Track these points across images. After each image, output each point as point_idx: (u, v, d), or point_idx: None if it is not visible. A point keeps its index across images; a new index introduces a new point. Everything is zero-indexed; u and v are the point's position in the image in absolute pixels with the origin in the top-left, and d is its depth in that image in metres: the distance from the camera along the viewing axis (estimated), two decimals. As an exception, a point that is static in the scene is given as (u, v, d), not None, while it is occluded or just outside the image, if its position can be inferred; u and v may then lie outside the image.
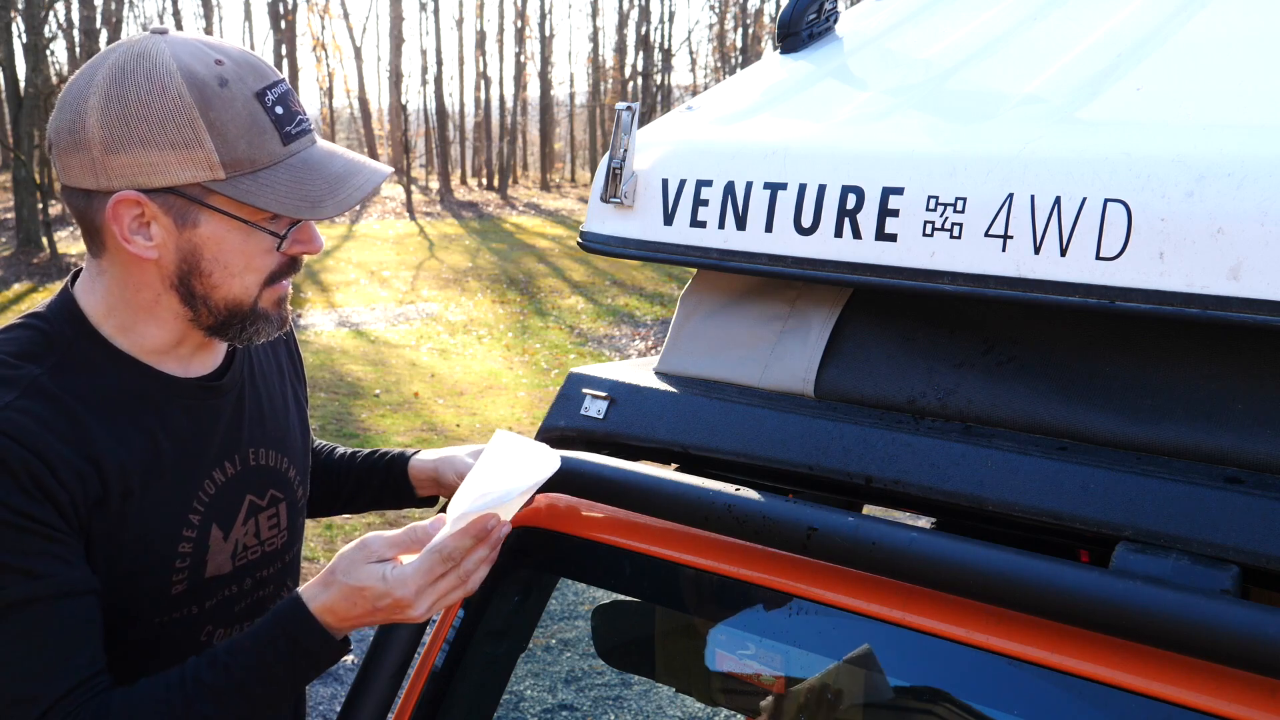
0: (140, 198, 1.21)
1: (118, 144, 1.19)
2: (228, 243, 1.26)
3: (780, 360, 1.44)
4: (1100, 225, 1.09)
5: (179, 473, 1.33)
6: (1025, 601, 1.06)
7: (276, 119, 1.24)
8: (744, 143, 1.43)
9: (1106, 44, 1.34)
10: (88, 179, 1.22)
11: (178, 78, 1.19)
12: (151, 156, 1.20)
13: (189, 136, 1.19)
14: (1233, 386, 1.14)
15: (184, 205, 1.23)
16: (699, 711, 4.20)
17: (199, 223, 1.24)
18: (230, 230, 1.25)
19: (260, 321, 1.32)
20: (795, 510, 1.22)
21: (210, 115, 1.19)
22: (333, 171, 1.27)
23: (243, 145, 1.21)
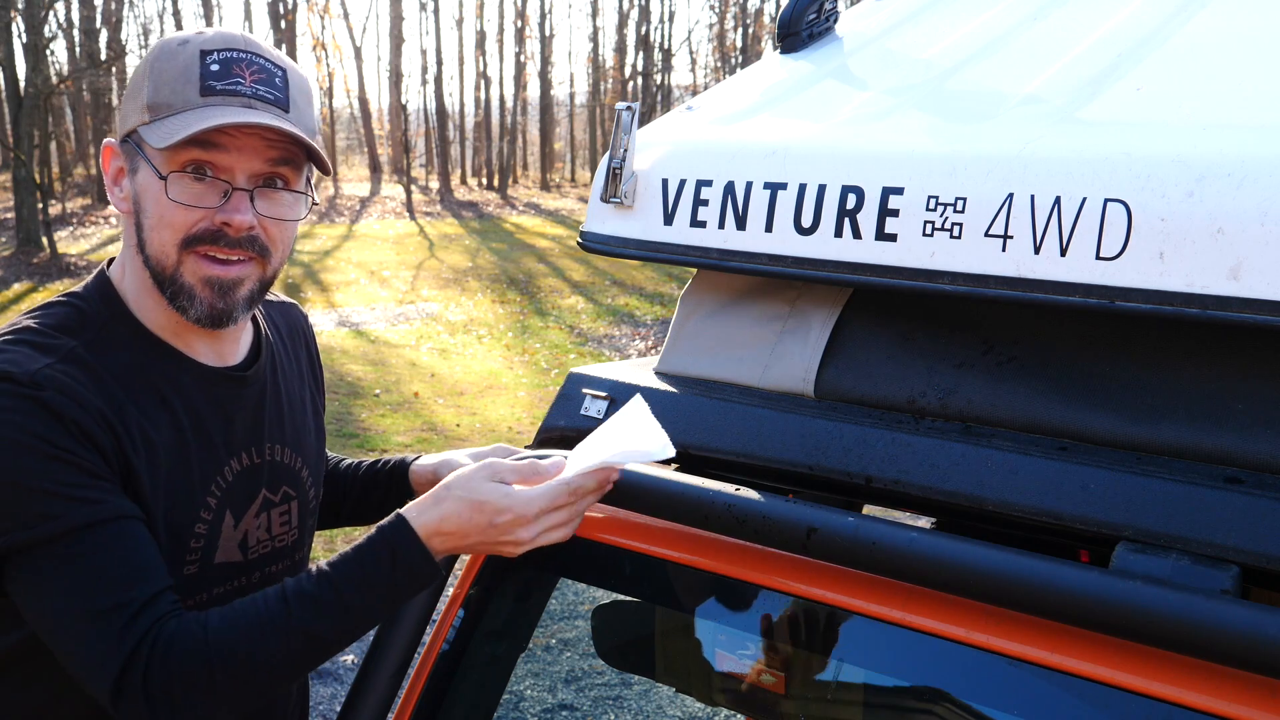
0: (114, 146, 1.32)
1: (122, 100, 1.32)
2: (149, 190, 1.28)
3: (780, 360, 1.44)
4: (1100, 225, 1.09)
5: (200, 456, 1.35)
6: (1025, 601, 1.06)
7: (207, 73, 1.25)
8: (744, 143, 1.43)
9: (1106, 44, 1.34)
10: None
11: (169, 41, 1.29)
12: (125, 107, 1.30)
13: (140, 84, 1.29)
14: (1233, 386, 1.14)
15: (132, 153, 1.30)
16: (699, 711, 4.20)
17: (138, 169, 1.29)
18: (151, 178, 1.28)
19: (184, 296, 1.29)
20: (795, 510, 1.22)
21: (157, 66, 1.28)
22: (231, 113, 1.25)
23: (166, 91, 1.26)
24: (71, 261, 17.02)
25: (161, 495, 1.30)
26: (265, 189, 1.30)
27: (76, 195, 28.27)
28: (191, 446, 1.34)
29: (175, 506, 1.32)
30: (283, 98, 1.29)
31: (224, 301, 1.30)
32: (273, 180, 1.31)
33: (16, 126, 17.69)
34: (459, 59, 43.77)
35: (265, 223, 1.30)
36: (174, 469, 1.32)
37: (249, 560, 1.43)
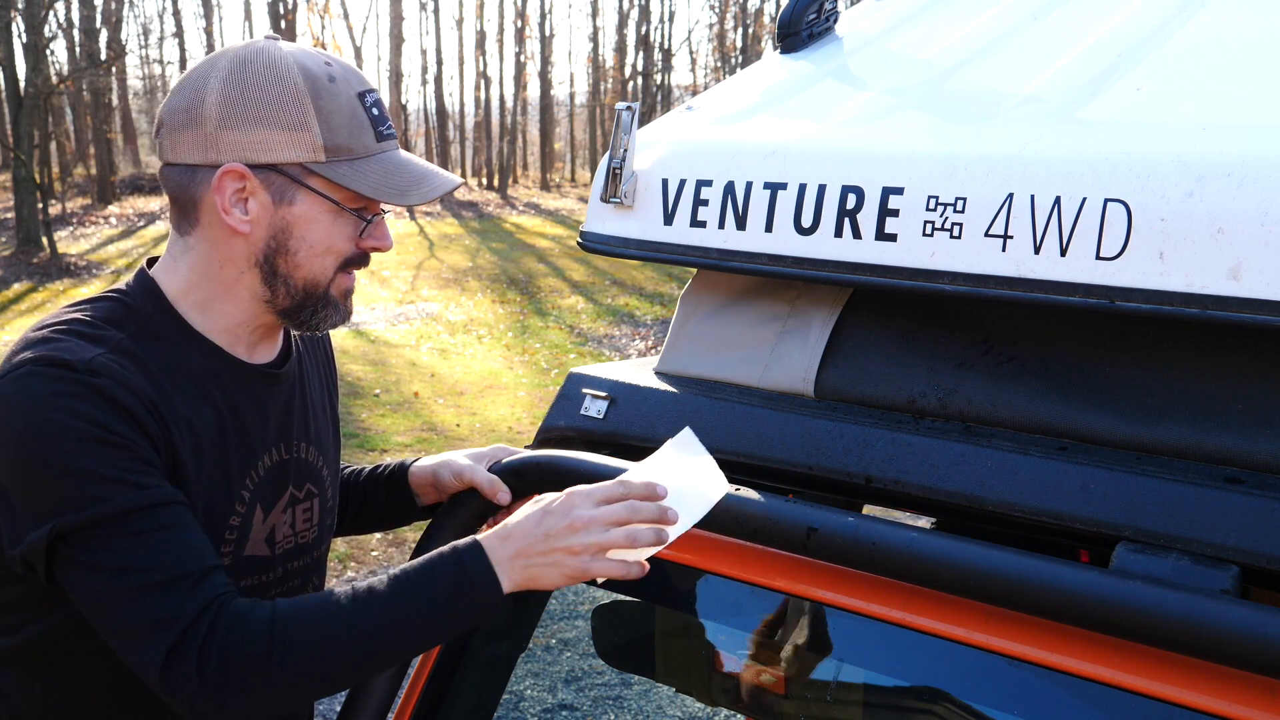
0: (245, 171, 1.31)
1: (232, 121, 1.30)
2: (317, 223, 1.35)
3: (780, 360, 1.44)
4: (1100, 225, 1.09)
5: (237, 449, 1.38)
6: (1025, 601, 1.07)
7: (372, 118, 1.36)
8: (744, 143, 1.43)
9: (1106, 44, 1.34)
10: (196, 154, 1.32)
11: (294, 69, 1.31)
12: (262, 135, 1.31)
13: (298, 119, 1.31)
14: (1233, 386, 1.14)
15: (284, 183, 1.33)
16: (699, 711, 4.20)
17: (295, 201, 1.34)
18: (321, 211, 1.35)
19: (329, 308, 1.41)
20: (795, 510, 1.22)
21: (319, 103, 1.31)
22: (416, 170, 1.39)
23: (343, 134, 1.33)
24: (71, 261, 17.02)
25: (203, 484, 1.33)
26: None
27: (76, 195, 28.27)
28: (230, 438, 1.37)
29: (214, 497, 1.35)
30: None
31: (350, 304, 1.44)
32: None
33: (16, 126, 17.69)
34: (459, 59, 43.78)
35: None
36: (214, 460, 1.35)
37: (274, 555, 1.46)
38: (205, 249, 1.36)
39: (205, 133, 1.31)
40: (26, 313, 13.45)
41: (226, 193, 1.31)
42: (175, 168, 1.34)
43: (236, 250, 1.35)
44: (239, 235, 1.34)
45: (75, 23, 29.38)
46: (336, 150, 1.33)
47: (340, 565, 5.71)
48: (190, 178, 1.33)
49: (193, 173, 1.33)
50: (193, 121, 1.31)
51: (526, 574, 1.25)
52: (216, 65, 1.32)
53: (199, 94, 1.31)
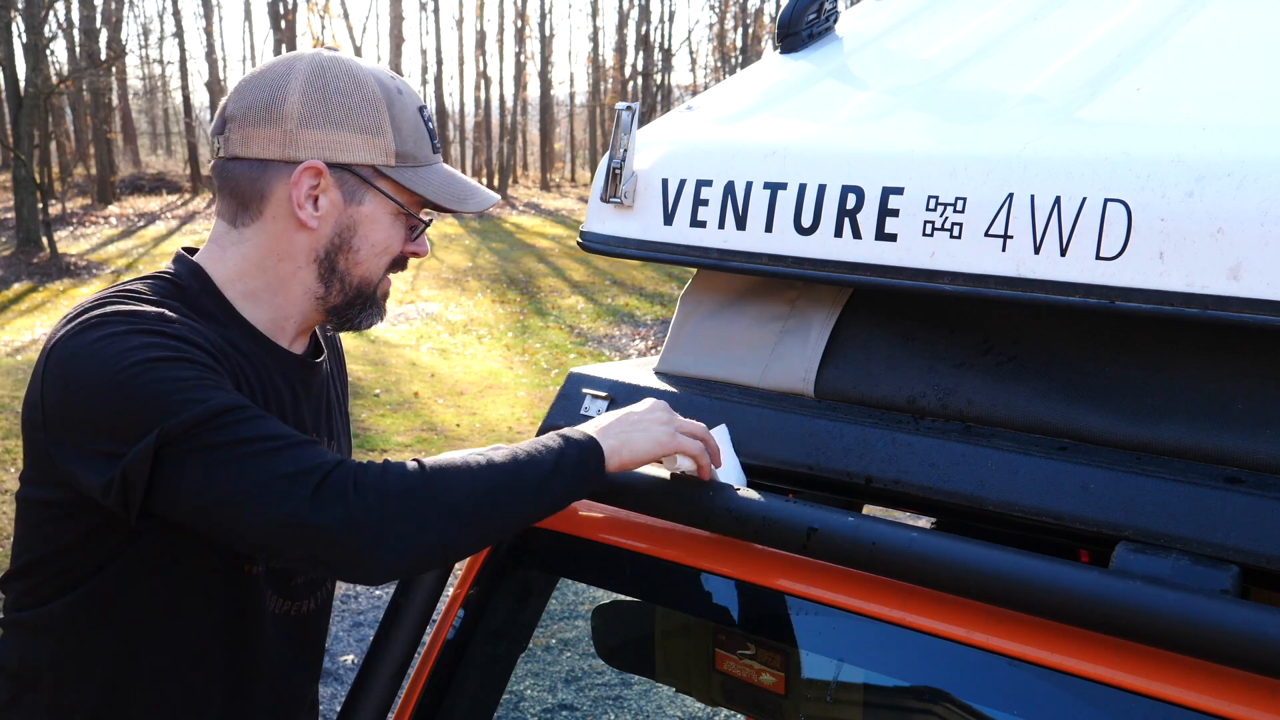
0: (323, 168, 1.37)
1: (314, 120, 1.36)
2: (380, 223, 1.42)
3: (780, 360, 1.44)
4: (1100, 225, 1.09)
5: None
6: (1025, 601, 1.07)
7: (429, 131, 1.46)
8: (744, 143, 1.43)
9: (1106, 44, 1.34)
10: (273, 149, 1.36)
11: (370, 78, 1.39)
12: (341, 136, 1.37)
13: (375, 124, 1.38)
14: (1233, 386, 1.14)
15: (355, 183, 1.39)
16: (699, 711, 4.20)
17: (363, 201, 1.40)
18: (385, 212, 1.42)
19: (373, 307, 1.47)
20: (795, 510, 1.22)
21: (393, 111, 1.39)
22: (466, 182, 1.48)
23: (410, 143, 1.41)
24: (71, 261, 17.01)
25: None
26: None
27: (76, 195, 28.27)
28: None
29: None
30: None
31: (387, 307, 1.52)
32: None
33: (16, 126, 17.69)
34: (459, 59, 43.77)
35: None
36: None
37: None
38: (263, 241, 1.40)
39: (285, 130, 1.35)
40: (26, 313, 13.45)
41: (303, 188, 1.36)
42: (243, 162, 1.38)
43: (298, 245, 1.40)
44: (304, 230, 1.38)
45: (75, 23, 29.37)
46: (404, 157, 1.40)
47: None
48: (261, 172, 1.37)
49: (265, 167, 1.37)
50: (272, 118, 1.36)
51: (620, 438, 1.32)
52: (295, 68, 1.37)
53: (279, 93, 1.36)
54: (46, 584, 1.35)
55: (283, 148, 1.36)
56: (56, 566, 1.34)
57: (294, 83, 1.36)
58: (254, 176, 1.38)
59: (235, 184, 1.39)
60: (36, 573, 1.35)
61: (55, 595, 1.34)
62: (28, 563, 1.36)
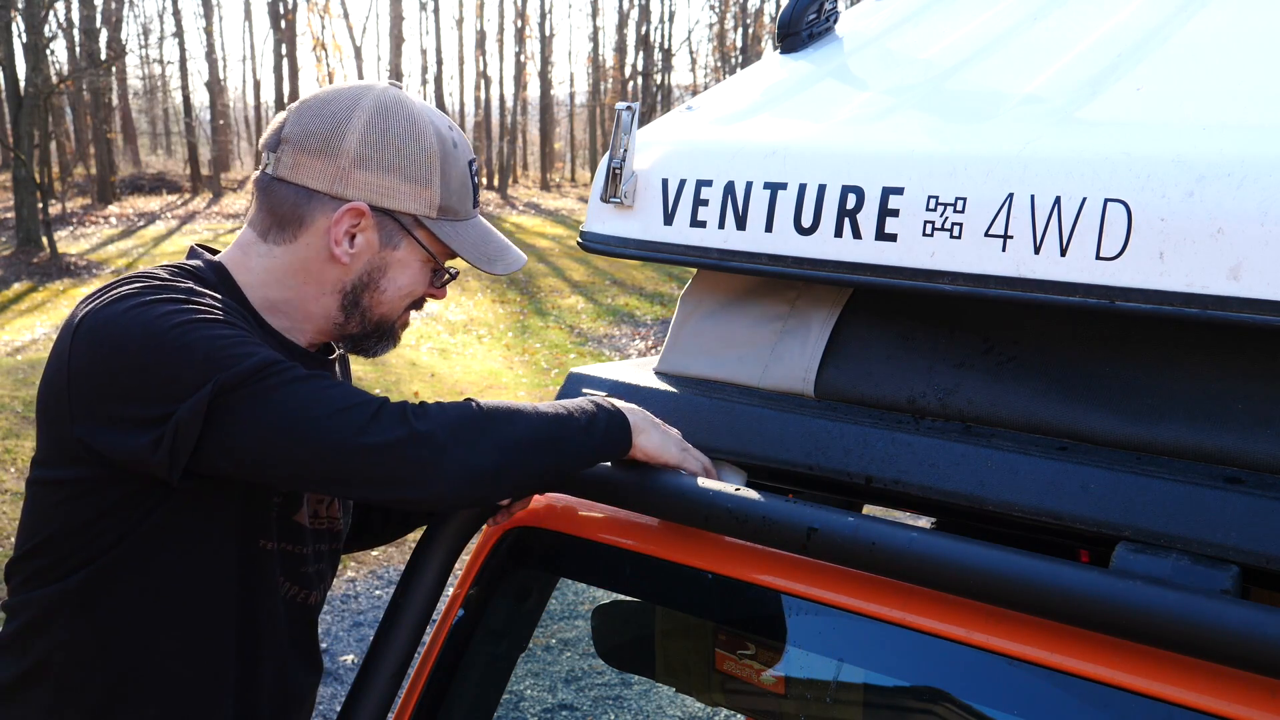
0: (367, 211, 1.39)
1: (368, 162, 1.38)
2: (410, 268, 1.45)
3: (780, 360, 1.44)
4: (1100, 225, 1.09)
5: None
6: (1025, 601, 1.07)
7: (473, 186, 1.49)
8: (744, 143, 1.43)
9: (1106, 44, 1.34)
10: (322, 182, 1.38)
11: (430, 130, 1.41)
12: (391, 182, 1.39)
13: (426, 175, 1.41)
14: (1233, 386, 1.14)
15: (394, 228, 1.42)
16: (699, 711, 4.20)
17: (399, 246, 1.43)
18: (417, 259, 1.45)
19: (388, 339, 1.51)
20: (795, 510, 1.22)
21: (445, 165, 1.42)
22: (498, 240, 1.52)
23: (455, 197, 1.44)
24: (71, 261, 17.01)
25: None
26: None
27: (76, 195, 28.27)
28: None
29: None
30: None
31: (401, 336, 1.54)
32: None
33: (16, 126, 17.69)
34: (459, 59, 43.75)
35: None
36: None
37: (306, 529, 1.50)
38: (292, 263, 1.42)
39: (339, 165, 1.37)
40: (26, 312, 13.45)
41: (343, 226, 1.39)
42: (289, 185, 1.39)
43: (326, 275, 1.42)
44: (336, 264, 1.41)
45: (75, 23, 29.38)
46: (445, 210, 1.43)
47: (340, 565, 5.71)
48: (306, 199, 1.39)
49: (310, 196, 1.38)
50: (328, 151, 1.37)
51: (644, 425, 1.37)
52: (359, 104, 1.39)
53: (339, 127, 1.37)
54: (61, 561, 1.34)
55: (332, 183, 1.38)
56: (72, 543, 1.33)
57: (356, 120, 1.38)
58: (297, 202, 1.39)
59: (276, 203, 1.40)
60: (50, 551, 1.35)
61: (70, 572, 1.34)
62: (41, 541, 1.35)
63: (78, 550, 1.33)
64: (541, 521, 1.57)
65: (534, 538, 1.59)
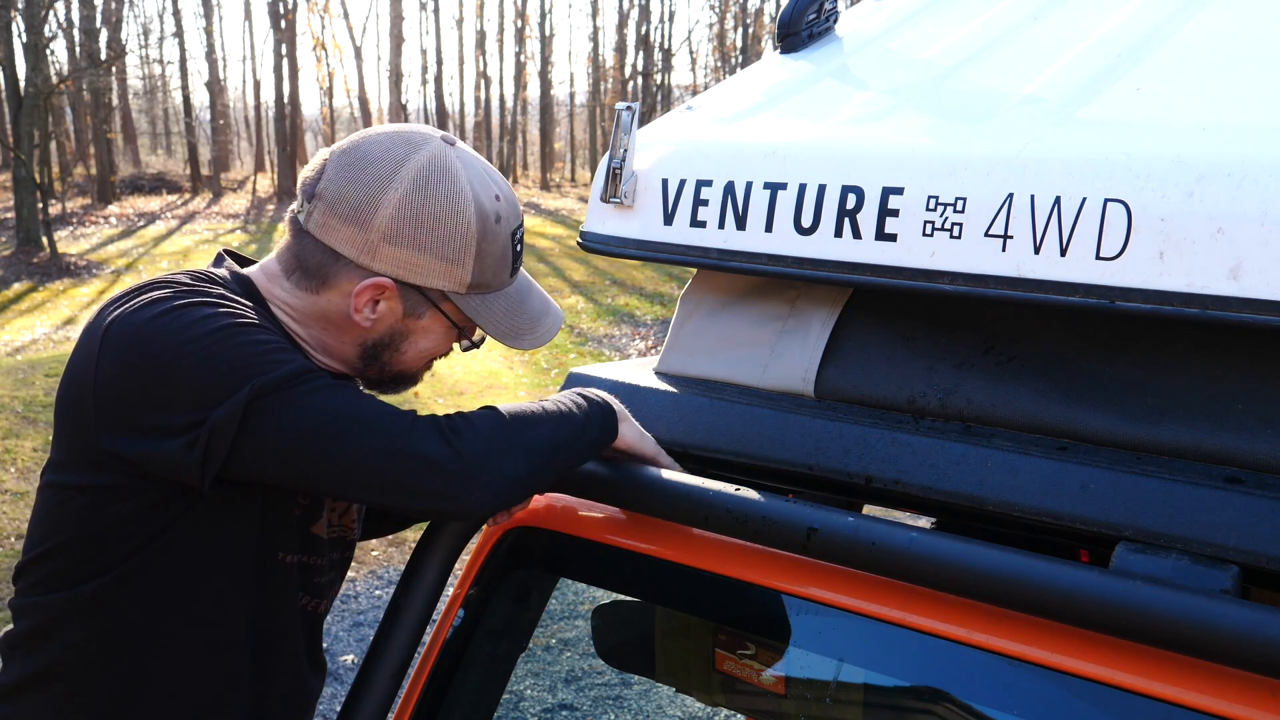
0: (391, 285, 1.35)
1: (399, 239, 1.32)
2: (433, 335, 1.43)
3: (780, 360, 1.44)
4: (1100, 225, 1.09)
5: None
6: (1025, 601, 1.06)
7: (514, 254, 1.43)
8: (744, 143, 1.43)
9: (1106, 44, 1.34)
10: (350, 249, 1.33)
11: (471, 207, 1.34)
12: (421, 260, 1.34)
13: (459, 256, 1.35)
14: (1233, 386, 1.14)
15: (419, 301, 1.38)
16: (699, 711, 4.20)
17: (423, 316, 1.40)
18: (441, 328, 1.43)
19: (408, 383, 1.50)
20: (795, 510, 1.22)
21: (482, 245, 1.36)
22: (533, 309, 1.47)
23: (489, 273, 1.39)
24: (71, 261, 17.01)
25: None
26: None
27: (76, 195, 28.27)
28: None
29: None
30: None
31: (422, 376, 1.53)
32: None
33: (16, 126, 17.69)
34: (459, 59, 43.77)
35: None
36: None
37: (330, 538, 1.50)
38: (314, 312, 1.39)
39: (368, 238, 1.32)
40: (26, 312, 13.45)
41: (365, 296, 1.35)
42: (317, 243, 1.35)
43: (347, 331, 1.40)
44: (357, 325, 1.38)
45: (75, 23, 29.37)
46: (477, 286, 1.39)
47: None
48: (332, 261, 1.34)
49: (336, 258, 1.34)
50: (359, 221, 1.32)
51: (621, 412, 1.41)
52: (400, 173, 1.32)
53: (374, 198, 1.31)
54: (75, 568, 1.32)
55: (359, 252, 1.33)
56: (88, 550, 1.31)
57: (393, 192, 1.31)
58: (323, 261, 1.35)
59: (303, 254, 1.37)
60: (63, 556, 1.33)
61: (84, 579, 1.32)
62: (54, 546, 1.33)
63: (93, 557, 1.31)
64: (541, 521, 1.57)
65: (534, 538, 1.59)
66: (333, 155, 1.36)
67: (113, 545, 1.30)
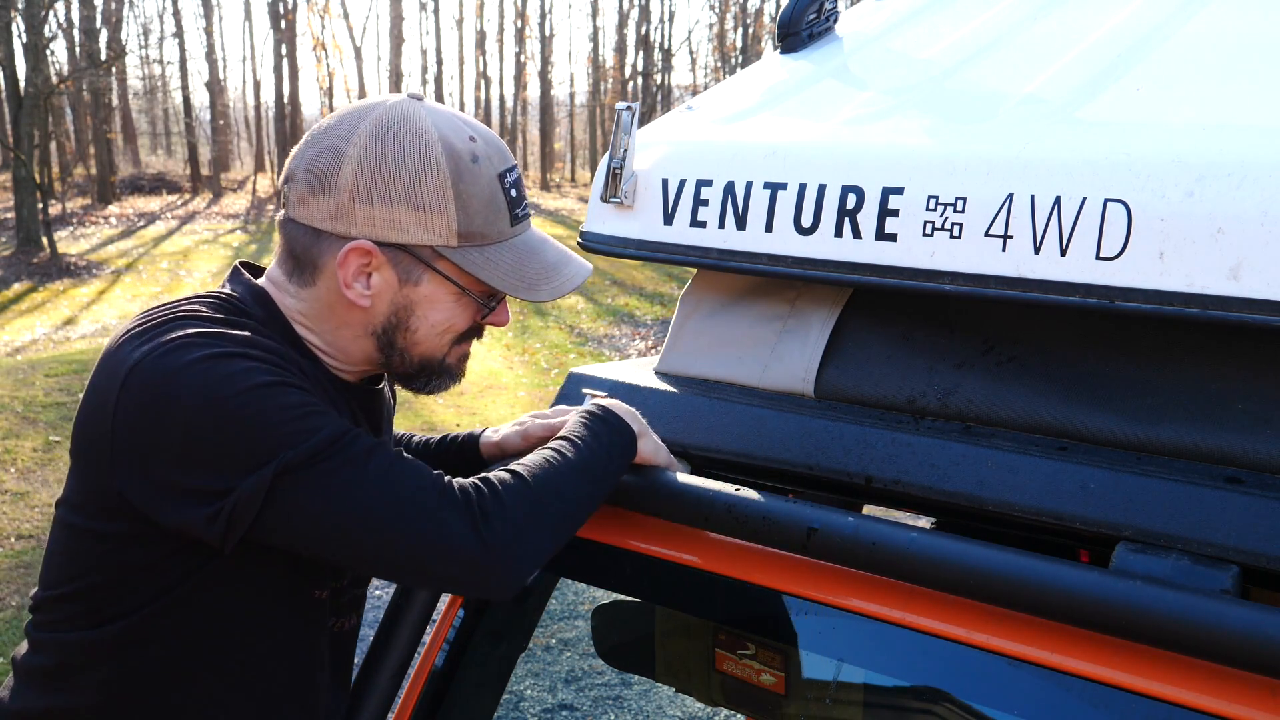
0: (373, 249, 1.27)
1: (368, 195, 1.25)
2: (440, 304, 1.33)
3: (780, 360, 1.44)
4: (1100, 225, 1.09)
5: None
6: (1025, 601, 1.06)
7: (510, 200, 1.32)
8: (744, 143, 1.43)
9: (1106, 44, 1.34)
10: (325, 220, 1.27)
11: (437, 145, 1.26)
12: (397, 213, 1.26)
13: (437, 202, 1.26)
14: (1233, 386, 1.14)
15: (411, 263, 1.29)
16: (699, 711, 4.20)
17: (420, 282, 1.31)
18: (446, 294, 1.32)
19: (444, 375, 1.40)
20: (795, 510, 1.22)
21: (460, 187, 1.27)
22: (547, 259, 1.36)
23: (479, 220, 1.29)
24: (71, 261, 17.01)
25: None
26: None
27: (76, 195, 28.28)
28: None
29: None
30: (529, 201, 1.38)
31: (464, 368, 1.42)
32: None
33: (16, 126, 17.70)
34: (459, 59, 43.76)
35: None
36: None
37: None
38: (319, 308, 1.33)
39: (338, 202, 1.26)
40: (26, 313, 13.45)
41: (351, 268, 1.28)
42: (299, 225, 1.30)
43: (353, 318, 1.32)
44: (356, 307, 1.31)
45: (75, 23, 29.38)
46: (469, 236, 1.29)
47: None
48: (314, 240, 1.29)
49: (318, 236, 1.28)
50: (326, 187, 1.26)
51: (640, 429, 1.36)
52: (359, 130, 1.26)
53: (336, 159, 1.26)
54: (97, 610, 1.27)
55: (334, 220, 1.27)
56: (111, 595, 1.27)
57: (353, 149, 1.25)
58: (308, 244, 1.30)
59: (291, 244, 1.32)
60: (86, 599, 1.28)
61: (107, 620, 1.27)
62: (75, 590, 1.28)
63: (115, 602, 1.27)
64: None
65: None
66: (299, 143, 1.33)
67: (135, 590, 1.26)
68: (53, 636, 1.32)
